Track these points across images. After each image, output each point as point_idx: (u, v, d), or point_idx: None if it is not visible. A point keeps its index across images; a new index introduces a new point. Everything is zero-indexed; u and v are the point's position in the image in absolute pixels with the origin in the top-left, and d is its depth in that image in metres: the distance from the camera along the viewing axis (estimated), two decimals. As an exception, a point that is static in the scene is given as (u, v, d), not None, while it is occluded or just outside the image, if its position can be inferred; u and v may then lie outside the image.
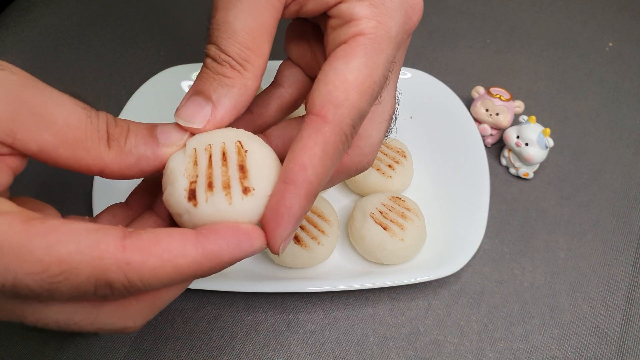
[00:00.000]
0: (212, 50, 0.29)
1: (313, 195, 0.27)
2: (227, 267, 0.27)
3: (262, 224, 0.28)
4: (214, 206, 0.27)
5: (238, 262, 0.55)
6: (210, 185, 0.27)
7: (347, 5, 0.29)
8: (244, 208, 0.27)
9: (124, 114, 0.59)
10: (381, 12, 0.29)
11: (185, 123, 0.29)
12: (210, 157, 0.28)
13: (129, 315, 0.28)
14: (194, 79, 0.29)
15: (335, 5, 0.30)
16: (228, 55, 0.28)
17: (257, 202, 0.27)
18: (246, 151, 0.28)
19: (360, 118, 0.29)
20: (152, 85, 0.62)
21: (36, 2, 0.75)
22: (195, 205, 0.27)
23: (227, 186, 0.27)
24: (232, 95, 0.29)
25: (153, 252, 0.24)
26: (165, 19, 0.74)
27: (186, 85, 0.63)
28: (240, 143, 0.28)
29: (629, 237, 0.56)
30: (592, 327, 0.50)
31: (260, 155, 0.28)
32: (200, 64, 0.29)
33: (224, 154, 0.28)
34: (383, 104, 0.34)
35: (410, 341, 0.49)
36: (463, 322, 0.50)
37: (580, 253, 0.55)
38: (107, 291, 0.24)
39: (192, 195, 0.27)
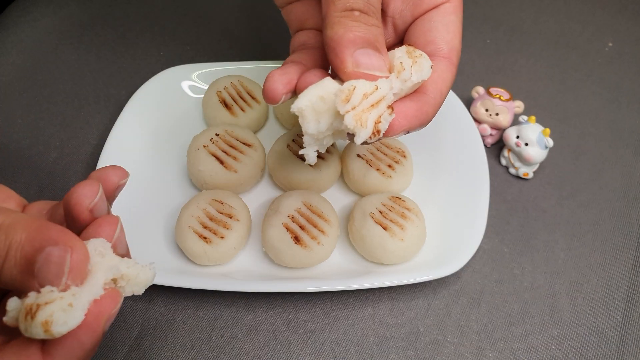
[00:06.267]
0: (360, 2, 0.34)
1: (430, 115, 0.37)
2: None
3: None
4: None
5: (238, 262, 0.55)
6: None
7: None
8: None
9: (124, 114, 0.59)
10: None
11: (380, 73, 0.33)
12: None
13: None
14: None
15: None
16: (373, 6, 0.35)
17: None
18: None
19: None
20: (152, 85, 0.62)
21: (36, 2, 0.75)
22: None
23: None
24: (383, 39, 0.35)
25: None
26: (165, 19, 0.74)
27: (186, 85, 0.62)
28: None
29: (629, 237, 0.56)
30: (592, 327, 0.50)
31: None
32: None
33: None
34: None
35: (410, 341, 0.49)
36: (463, 322, 0.50)
37: (580, 253, 0.55)
38: None
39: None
